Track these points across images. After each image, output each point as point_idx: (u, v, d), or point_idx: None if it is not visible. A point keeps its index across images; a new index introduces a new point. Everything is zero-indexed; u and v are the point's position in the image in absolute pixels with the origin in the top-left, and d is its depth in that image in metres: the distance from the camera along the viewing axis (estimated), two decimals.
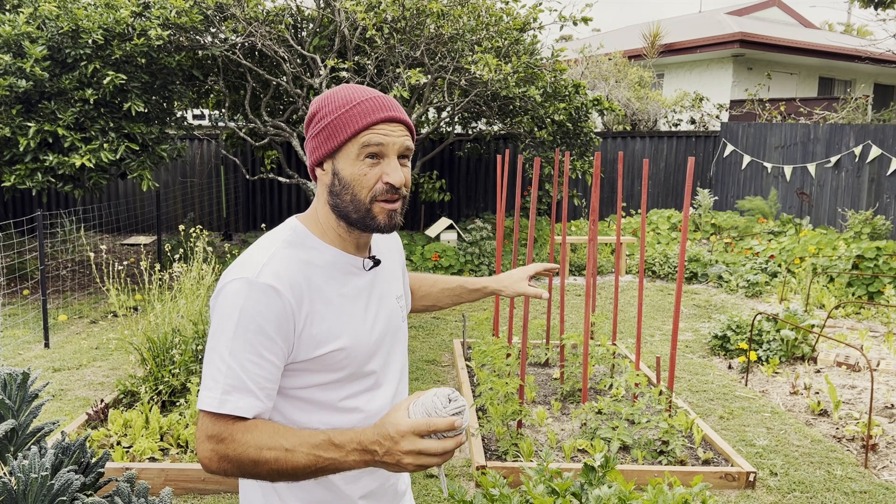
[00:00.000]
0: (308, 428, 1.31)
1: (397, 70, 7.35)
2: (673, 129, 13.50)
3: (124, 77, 6.61)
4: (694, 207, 11.21)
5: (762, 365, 5.53)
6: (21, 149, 6.48)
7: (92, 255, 5.13)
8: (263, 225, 7.47)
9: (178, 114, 8.71)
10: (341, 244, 1.38)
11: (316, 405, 1.34)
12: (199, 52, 7.78)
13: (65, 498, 2.05)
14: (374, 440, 1.17)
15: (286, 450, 1.20)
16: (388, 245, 1.58)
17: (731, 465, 3.76)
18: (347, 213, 1.33)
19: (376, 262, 1.43)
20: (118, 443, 3.85)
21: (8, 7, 7.14)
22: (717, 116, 13.69)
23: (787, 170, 10.60)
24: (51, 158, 6.54)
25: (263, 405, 1.25)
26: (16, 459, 2.14)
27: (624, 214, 11.64)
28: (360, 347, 1.35)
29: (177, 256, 5.43)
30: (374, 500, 1.44)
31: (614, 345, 4.90)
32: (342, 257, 1.37)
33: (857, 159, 9.46)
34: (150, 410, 4.07)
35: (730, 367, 5.65)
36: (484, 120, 10.09)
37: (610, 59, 13.74)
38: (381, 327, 1.42)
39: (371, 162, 1.30)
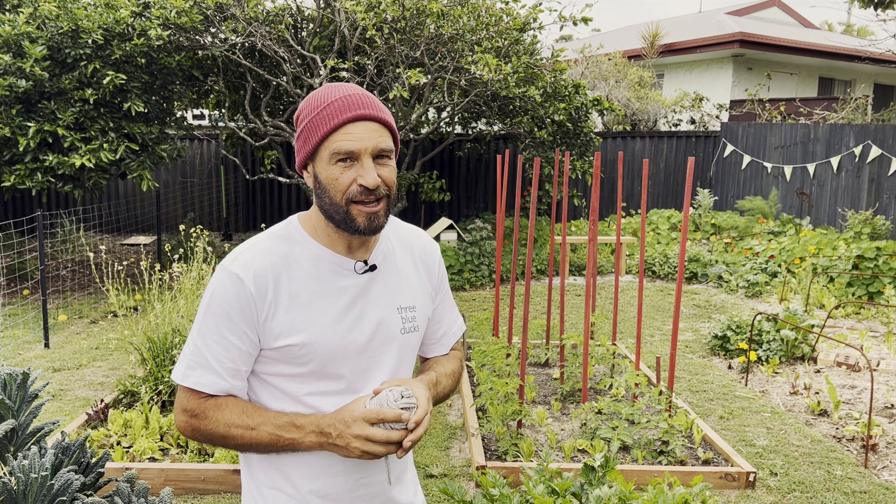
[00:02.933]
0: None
1: (397, 70, 7.34)
2: (673, 129, 13.49)
3: (124, 77, 6.61)
4: (694, 207, 11.21)
5: (762, 365, 5.53)
6: (21, 149, 6.48)
7: (92, 255, 5.13)
8: (263, 225, 7.47)
9: (178, 114, 8.71)
10: (330, 244, 1.39)
11: (283, 393, 1.38)
12: (199, 53, 7.78)
13: (65, 498, 2.05)
14: (330, 423, 1.29)
15: (251, 428, 1.31)
16: (415, 256, 1.52)
17: (731, 465, 3.76)
18: (330, 214, 1.34)
19: (371, 268, 1.40)
20: (118, 443, 3.85)
21: (8, 7, 7.14)
22: (717, 116, 13.68)
23: (787, 170, 10.60)
24: (51, 158, 6.54)
25: (228, 383, 1.34)
26: (16, 459, 2.14)
27: (624, 214, 11.63)
28: (324, 346, 1.34)
29: (177, 256, 5.42)
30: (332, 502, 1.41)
31: (614, 345, 4.90)
32: (327, 255, 1.38)
33: (857, 159, 9.46)
34: (149, 410, 4.07)
35: (730, 367, 5.65)
36: (484, 120, 10.08)
37: (610, 59, 13.73)
38: (362, 332, 1.38)
39: (343, 165, 1.30)
